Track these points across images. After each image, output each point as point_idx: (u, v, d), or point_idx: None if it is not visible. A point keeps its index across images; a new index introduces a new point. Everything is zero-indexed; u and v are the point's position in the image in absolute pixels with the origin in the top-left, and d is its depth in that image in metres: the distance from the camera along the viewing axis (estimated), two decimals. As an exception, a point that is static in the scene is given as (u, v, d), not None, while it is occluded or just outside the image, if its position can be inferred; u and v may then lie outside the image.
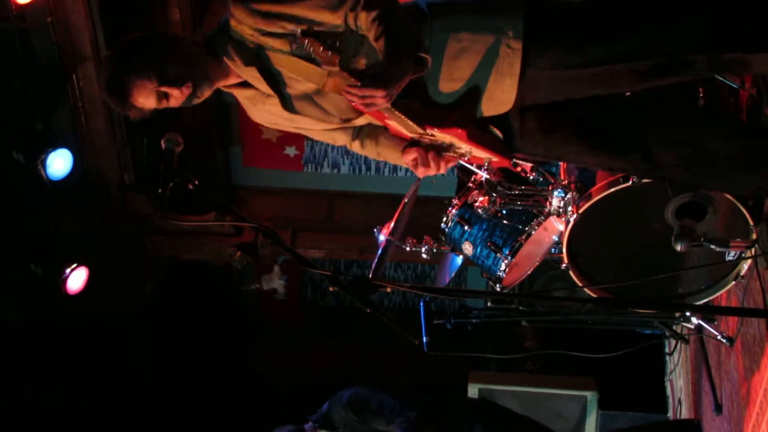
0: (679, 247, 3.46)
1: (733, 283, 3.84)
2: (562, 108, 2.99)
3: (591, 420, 5.76)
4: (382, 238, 4.44)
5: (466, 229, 4.21)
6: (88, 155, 6.57)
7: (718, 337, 4.32)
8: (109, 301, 6.71)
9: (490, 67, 2.85)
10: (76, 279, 5.96)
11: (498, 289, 4.21)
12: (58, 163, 5.82)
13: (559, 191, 3.89)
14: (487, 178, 3.74)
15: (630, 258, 3.88)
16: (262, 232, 2.64)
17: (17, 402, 6.32)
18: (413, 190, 4.50)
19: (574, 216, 3.72)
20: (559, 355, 4.94)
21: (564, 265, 3.92)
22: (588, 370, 5.68)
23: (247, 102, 3.09)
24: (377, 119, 2.96)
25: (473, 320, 5.02)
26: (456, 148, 3.02)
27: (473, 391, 5.80)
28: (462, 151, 3.02)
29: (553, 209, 3.95)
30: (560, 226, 4.04)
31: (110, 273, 6.53)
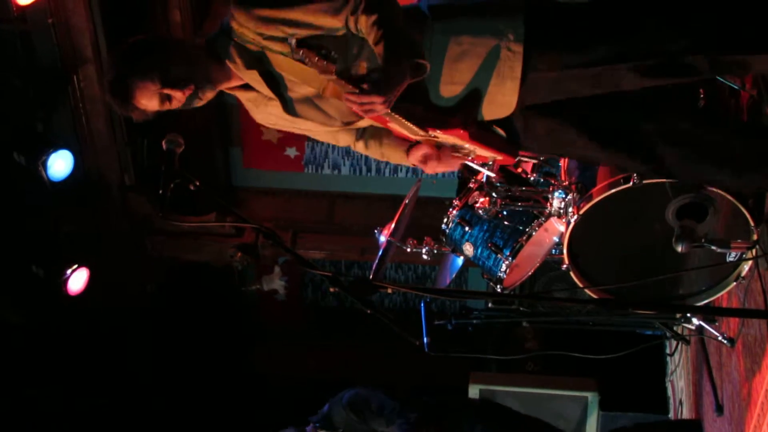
0: (679, 248, 3.46)
1: (734, 284, 3.84)
2: (564, 107, 2.99)
3: (592, 421, 5.75)
4: (383, 239, 4.44)
5: (466, 230, 4.21)
6: (89, 156, 6.57)
7: (719, 338, 4.31)
8: (110, 302, 6.71)
9: (491, 71, 2.84)
10: (77, 280, 5.96)
11: (499, 290, 4.21)
12: (59, 164, 5.82)
13: (559, 192, 3.89)
14: (489, 178, 3.74)
15: (631, 259, 3.88)
16: (262, 233, 2.64)
17: (17, 402, 6.32)
18: (414, 190, 4.50)
19: (575, 217, 3.72)
20: (560, 356, 4.94)
21: (565, 266, 3.92)
22: (589, 371, 5.68)
23: (250, 104, 3.09)
24: (379, 123, 2.96)
25: (474, 321, 5.02)
26: (459, 148, 3.02)
27: (474, 391, 5.79)
28: (465, 152, 3.02)
29: (553, 210, 3.95)
30: (561, 227, 4.04)
31: (111, 274, 6.53)
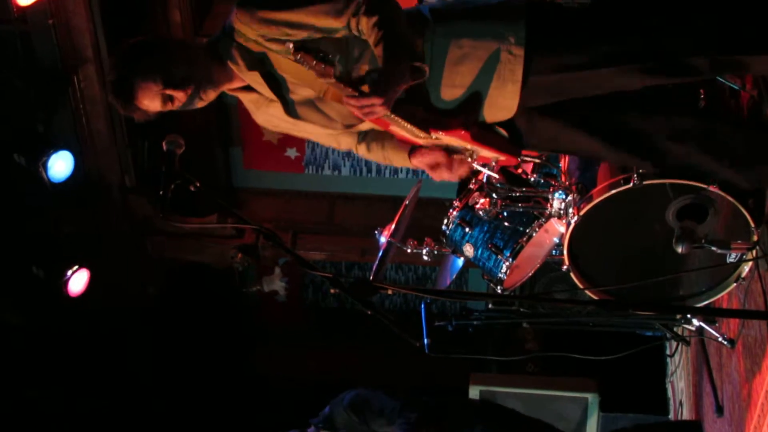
0: (680, 249, 3.46)
1: (735, 284, 3.83)
2: (566, 106, 2.98)
3: (592, 422, 5.75)
4: (383, 240, 4.44)
5: (467, 231, 4.20)
6: (90, 157, 6.57)
7: (719, 339, 4.31)
8: (110, 303, 6.71)
9: (492, 74, 2.83)
10: (78, 281, 5.96)
11: (499, 291, 4.21)
12: (60, 165, 5.82)
13: (560, 193, 3.89)
14: (489, 179, 3.73)
15: (631, 260, 3.88)
16: (263, 234, 2.64)
17: (18, 404, 6.31)
18: (414, 191, 4.49)
19: (575, 218, 3.71)
20: (560, 357, 4.94)
21: (565, 267, 3.91)
22: (589, 372, 5.68)
23: (251, 105, 3.08)
24: (381, 126, 2.95)
25: (474, 322, 5.01)
26: (462, 150, 3.00)
27: (474, 392, 5.79)
28: (468, 153, 3.01)
29: (554, 211, 3.94)
30: (561, 228, 4.04)
31: (111, 275, 6.53)
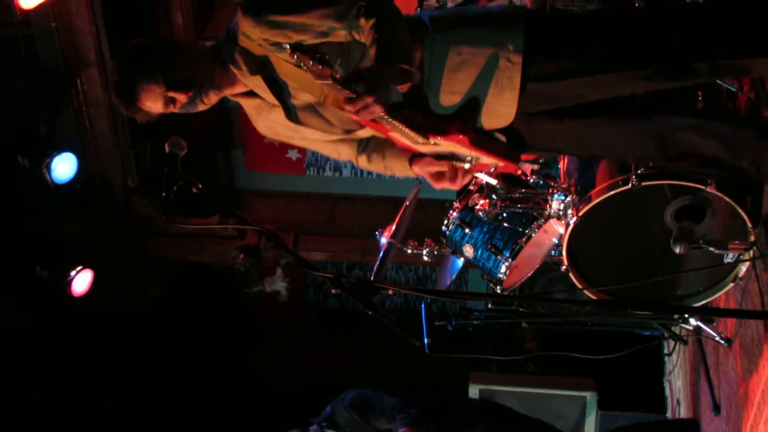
0: (678, 250, 3.46)
1: (732, 284, 3.83)
2: (565, 111, 2.97)
3: (590, 420, 5.75)
4: (384, 241, 4.44)
5: (467, 232, 4.20)
6: (92, 159, 6.56)
7: (717, 338, 4.31)
8: (113, 303, 6.70)
9: (490, 81, 2.82)
10: (81, 281, 5.95)
11: (498, 291, 4.21)
12: (63, 167, 5.82)
13: (559, 194, 3.89)
14: (488, 181, 3.73)
15: (629, 260, 3.88)
16: (264, 235, 2.64)
17: (21, 404, 6.30)
18: (414, 193, 4.49)
19: (574, 219, 3.71)
20: (559, 356, 4.94)
21: (564, 268, 3.92)
22: (587, 371, 5.67)
23: (253, 112, 3.08)
24: (380, 132, 2.93)
25: (474, 322, 5.01)
26: (461, 157, 2.98)
27: (474, 391, 5.79)
28: (467, 160, 2.99)
29: (553, 212, 3.95)
30: (560, 229, 4.04)
31: (114, 275, 6.52)
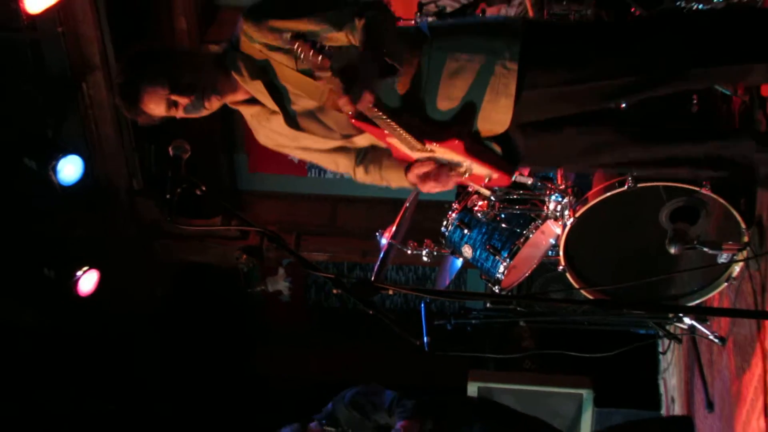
0: (672, 250, 3.46)
1: (726, 284, 3.84)
2: (560, 122, 2.97)
3: (587, 417, 5.75)
4: (384, 242, 4.44)
5: (465, 233, 4.20)
6: (98, 161, 6.56)
7: (711, 337, 4.31)
8: (118, 304, 6.69)
9: (486, 87, 2.80)
10: (88, 281, 5.95)
11: (497, 290, 4.21)
12: (69, 169, 5.81)
13: (556, 195, 3.89)
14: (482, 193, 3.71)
15: (625, 260, 3.88)
16: (267, 236, 2.63)
17: (26, 405, 6.29)
18: (414, 194, 4.49)
19: (571, 220, 3.72)
20: (556, 354, 4.94)
21: (561, 268, 3.92)
22: (584, 369, 5.67)
23: (254, 121, 3.07)
24: (378, 138, 2.92)
25: (473, 321, 5.01)
26: (456, 166, 2.96)
27: (473, 389, 5.79)
28: (462, 169, 2.97)
29: (550, 213, 3.95)
30: (557, 230, 4.04)
31: (119, 277, 6.52)
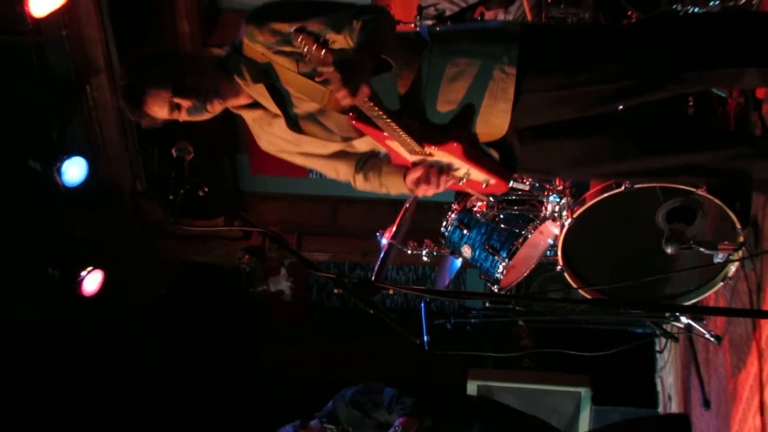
0: (669, 250, 3.46)
1: (722, 284, 3.84)
2: (557, 128, 2.96)
3: (585, 415, 5.75)
4: (385, 242, 4.45)
5: (465, 233, 4.21)
6: (102, 163, 6.56)
7: (707, 336, 4.31)
8: (122, 303, 6.70)
9: (484, 92, 2.80)
10: (92, 281, 5.95)
11: (496, 290, 4.21)
12: (73, 171, 5.81)
13: (554, 196, 3.90)
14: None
15: (623, 260, 3.88)
16: (269, 237, 2.63)
17: (30, 405, 6.28)
18: (414, 195, 4.49)
19: (569, 220, 3.72)
20: (554, 353, 4.95)
21: (559, 268, 3.92)
22: (582, 368, 5.67)
23: (256, 126, 3.07)
24: (378, 140, 2.92)
25: (472, 320, 5.02)
26: (454, 170, 2.96)
27: (472, 387, 5.80)
28: (460, 174, 2.96)
29: (548, 214, 3.96)
30: (555, 230, 4.04)
31: (123, 277, 6.52)
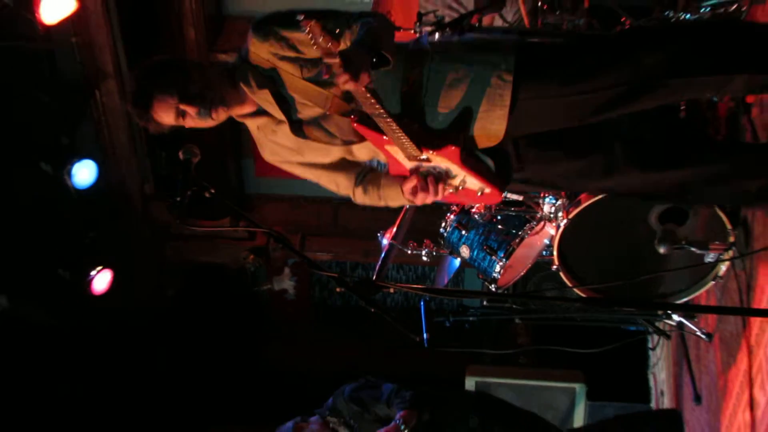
0: (662, 250, 3.47)
1: (712, 282, 3.84)
2: (554, 136, 2.96)
3: (579, 410, 5.76)
4: (385, 242, 4.45)
5: (463, 234, 4.21)
6: (111, 166, 6.56)
7: (698, 333, 4.32)
8: (130, 303, 6.69)
9: (482, 97, 2.80)
10: (101, 281, 5.96)
11: (493, 289, 4.21)
12: (83, 173, 5.82)
13: (550, 198, 3.90)
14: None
15: (616, 260, 3.88)
16: (273, 237, 2.63)
17: (40, 402, 6.27)
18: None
19: (564, 221, 3.72)
20: (550, 350, 4.95)
21: (555, 267, 3.92)
22: (577, 364, 5.69)
23: (260, 134, 3.07)
24: (377, 145, 2.91)
25: (470, 318, 5.02)
26: (451, 177, 2.96)
27: (470, 383, 5.81)
28: (456, 182, 2.95)
29: (544, 215, 3.95)
30: (551, 231, 4.04)
31: (132, 277, 6.52)
